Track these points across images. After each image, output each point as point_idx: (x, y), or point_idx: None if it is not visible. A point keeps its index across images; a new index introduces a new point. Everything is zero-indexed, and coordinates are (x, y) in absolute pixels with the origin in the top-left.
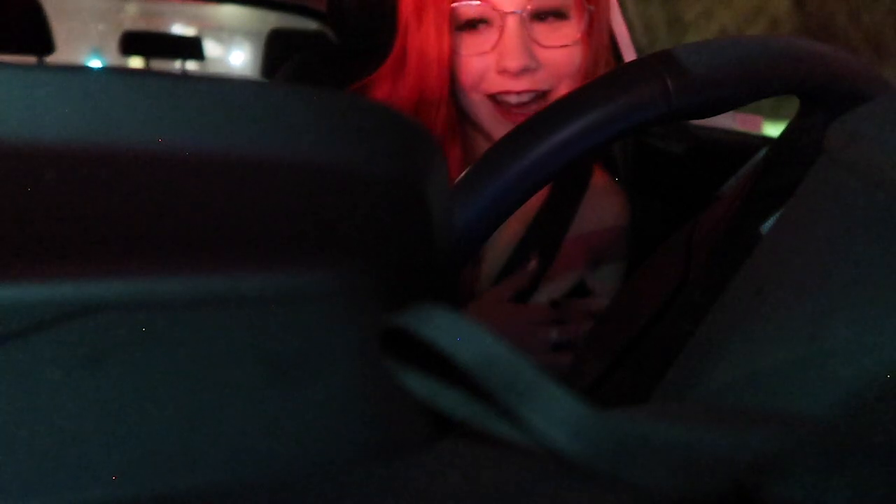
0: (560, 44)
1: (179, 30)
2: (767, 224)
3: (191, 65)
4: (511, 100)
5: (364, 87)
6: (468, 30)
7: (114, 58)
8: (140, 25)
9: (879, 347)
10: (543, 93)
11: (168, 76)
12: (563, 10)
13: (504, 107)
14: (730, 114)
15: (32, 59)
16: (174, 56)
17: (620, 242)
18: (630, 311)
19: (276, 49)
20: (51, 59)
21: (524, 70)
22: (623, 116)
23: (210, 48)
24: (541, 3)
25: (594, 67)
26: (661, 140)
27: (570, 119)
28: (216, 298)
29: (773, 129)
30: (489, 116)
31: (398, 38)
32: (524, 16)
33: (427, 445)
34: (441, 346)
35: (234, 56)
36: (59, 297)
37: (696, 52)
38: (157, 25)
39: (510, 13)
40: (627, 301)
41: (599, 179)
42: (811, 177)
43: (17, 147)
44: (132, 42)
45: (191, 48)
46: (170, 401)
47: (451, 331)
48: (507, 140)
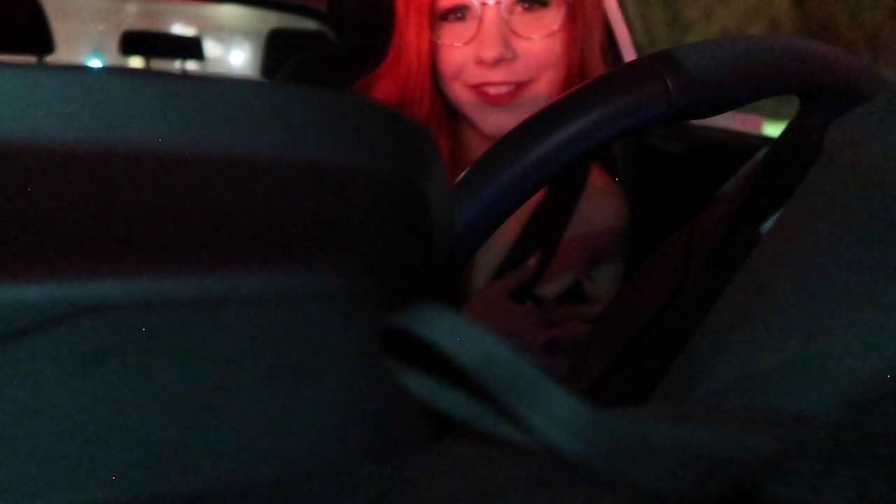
0: (538, 35)
1: (179, 30)
2: (767, 224)
3: (191, 65)
4: (490, 91)
5: (365, 86)
6: (449, 20)
7: (114, 58)
8: (140, 25)
9: (879, 347)
10: (523, 84)
11: (168, 76)
12: (542, 1)
13: (485, 92)
14: (730, 114)
15: (32, 59)
16: (174, 56)
17: (619, 242)
18: (630, 311)
19: (276, 49)
20: (51, 59)
21: (500, 60)
22: (623, 116)
23: (210, 48)
24: None
25: (578, 59)
26: (661, 140)
27: (570, 119)
28: (216, 298)
29: (773, 129)
30: (472, 105)
31: (395, 35)
32: (503, 6)
33: (427, 445)
34: (441, 346)
35: (234, 56)
36: (59, 297)
37: (696, 52)
38: (157, 25)
39: (488, 3)
40: (627, 301)
41: (598, 179)
42: (811, 177)
43: (17, 147)
44: (132, 42)
45: (191, 48)
46: (170, 400)
47: (451, 331)
48: (507, 140)
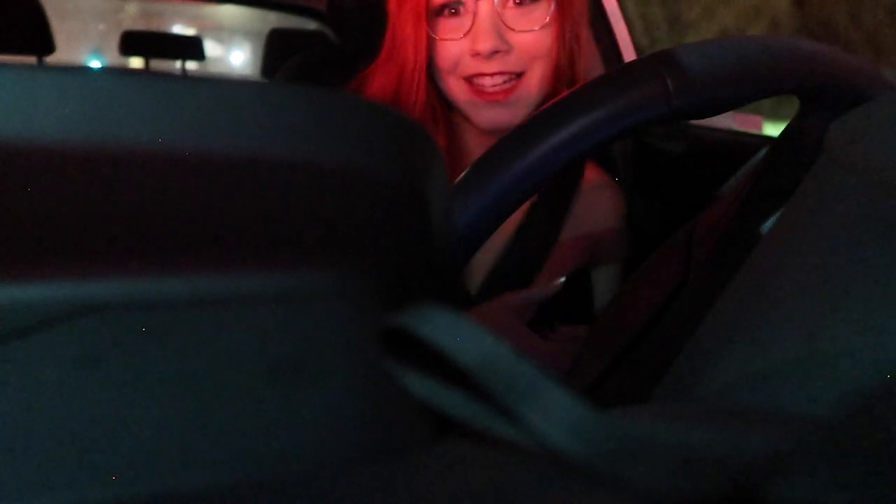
0: (530, 28)
1: (179, 30)
2: (767, 224)
3: (191, 65)
4: (486, 82)
5: (360, 83)
6: (444, 15)
7: (114, 58)
8: (140, 25)
9: (879, 347)
10: (517, 74)
11: (168, 76)
12: None
13: (480, 88)
14: (730, 114)
15: (32, 59)
16: (174, 56)
17: (618, 241)
18: (630, 311)
19: (276, 49)
20: (51, 59)
21: (495, 52)
22: (623, 116)
23: (210, 48)
24: None
25: (567, 52)
26: (661, 140)
27: (570, 119)
28: (216, 298)
29: (773, 129)
30: (466, 98)
31: (388, 29)
32: (495, 1)
33: (427, 445)
34: (441, 346)
35: (234, 56)
36: (59, 297)
37: (696, 52)
38: (157, 25)
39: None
40: (627, 301)
41: (593, 177)
42: (811, 177)
43: (17, 147)
44: (132, 42)
45: (191, 48)
46: (170, 401)
47: (452, 331)
48: (507, 140)
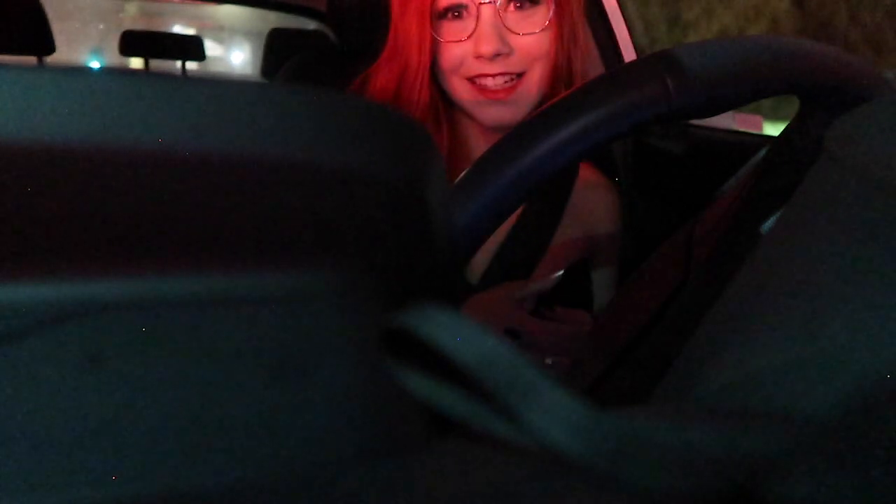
0: (530, 30)
1: (179, 30)
2: (767, 224)
3: (191, 65)
4: (488, 82)
5: (364, 80)
6: (448, 18)
7: (114, 58)
8: (140, 25)
9: (879, 347)
10: (518, 74)
11: (168, 77)
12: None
13: (482, 88)
14: (730, 114)
15: (32, 59)
16: (174, 56)
17: (614, 241)
18: (630, 311)
19: (276, 49)
20: (51, 59)
21: (497, 55)
22: (623, 116)
23: (210, 48)
24: None
25: (564, 52)
26: (661, 140)
27: (570, 119)
28: (216, 298)
29: (773, 129)
30: (470, 97)
31: (391, 28)
32: (497, 5)
33: (427, 445)
34: (441, 346)
35: (234, 56)
36: (59, 297)
37: (696, 52)
38: (157, 25)
39: (484, 3)
40: (627, 301)
41: (589, 176)
42: (811, 177)
43: (17, 147)
44: (132, 42)
45: (191, 48)
46: (170, 401)
47: (451, 330)
48: (508, 140)
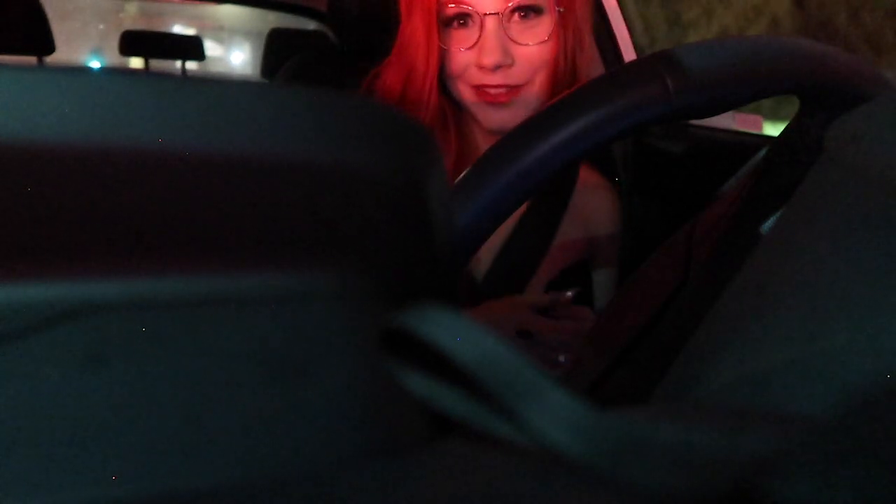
0: (533, 41)
1: (179, 30)
2: (767, 224)
3: (191, 65)
4: (490, 91)
5: (373, 78)
6: (454, 26)
7: (114, 58)
8: (140, 25)
9: (879, 347)
10: (519, 86)
11: (168, 77)
12: (539, 7)
13: (486, 92)
14: (730, 114)
15: (32, 59)
16: (174, 56)
17: (614, 243)
18: (630, 311)
19: (276, 49)
20: (51, 59)
21: (498, 66)
22: (623, 116)
23: (210, 48)
24: (519, 1)
25: (570, 62)
26: (661, 140)
27: (570, 119)
28: (216, 298)
29: (773, 129)
30: (474, 101)
31: (399, 29)
32: (502, 16)
33: (427, 445)
34: (441, 346)
35: (234, 56)
36: (59, 297)
37: (696, 52)
38: (157, 25)
39: (489, 14)
40: (628, 301)
41: (589, 177)
42: (811, 177)
43: (17, 147)
44: (132, 42)
45: (191, 48)
46: (170, 401)
47: (451, 331)
48: (508, 140)
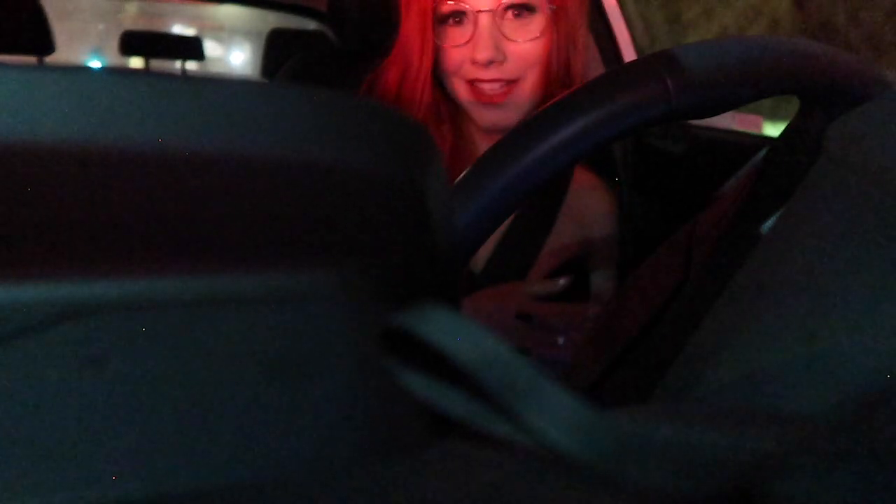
0: (526, 38)
1: (179, 30)
2: (767, 224)
3: (191, 65)
4: (484, 87)
5: (375, 78)
6: (449, 24)
7: (114, 58)
8: (140, 25)
9: (879, 347)
10: (513, 81)
11: (168, 76)
12: (532, 5)
13: (479, 91)
14: (730, 114)
15: (32, 59)
16: (174, 56)
17: (611, 244)
18: (630, 311)
19: (276, 49)
20: (51, 59)
21: (491, 62)
22: (623, 116)
23: (210, 48)
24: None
25: (564, 60)
26: (661, 140)
27: (570, 119)
28: (216, 298)
29: (773, 129)
30: (469, 99)
31: (399, 29)
32: (495, 13)
33: (427, 445)
34: (441, 346)
35: (234, 56)
36: (59, 297)
37: (696, 52)
38: (157, 25)
39: (482, 11)
40: (627, 301)
41: (584, 178)
42: (811, 177)
43: (17, 147)
44: (132, 42)
45: (191, 48)
46: (170, 401)
47: (451, 330)
48: (508, 140)
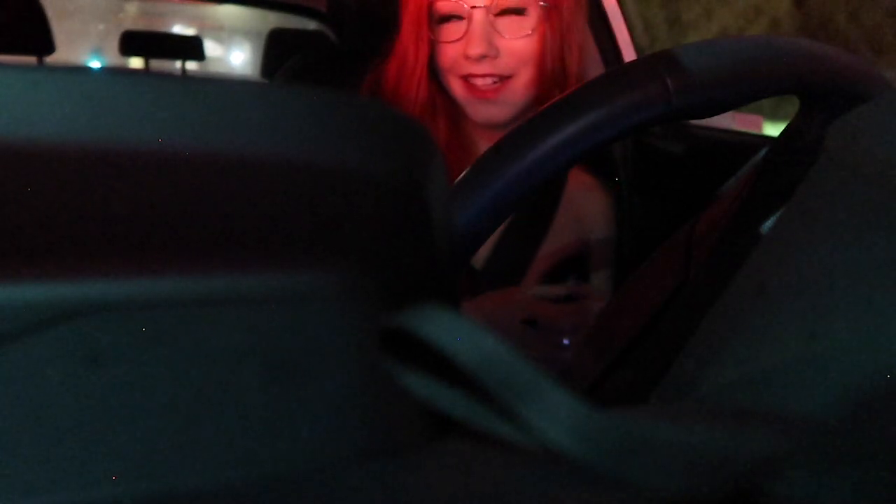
0: (518, 35)
1: (179, 30)
2: (767, 224)
3: (191, 65)
4: (477, 82)
5: (375, 79)
6: (446, 21)
7: (114, 58)
8: (140, 25)
9: (879, 347)
10: (506, 77)
11: (168, 76)
12: (522, 8)
13: (473, 86)
14: (730, 114)
15: (32, 59)
16: (174, 56)
17: (608, 246)
18: (630, 311)
19: (276, 49)
20: (51, 59)
21: (483, 56)
22: (623, 116)
23: (210, 48)
24: (505, 4)
25: (558, 58)
26: (661, 140)
27: (570, 119)
28: (216, 298)
29: (773, 129)
30: (463, 94)
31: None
32: (488, 10)
33: (427, 445)
34: (441, 346)
35: (234, 56)
36: (59, 297)
37: (696, 52)
38: (157, 25)
39: (476, 7)
40: (627, 301)
41: (581, 179)
42: (811, 177)
43: (17, 147)
44: (132, 42)
45: (191, 48)
46: (170, 401)
47: (451, 331)
48: (508, 140)
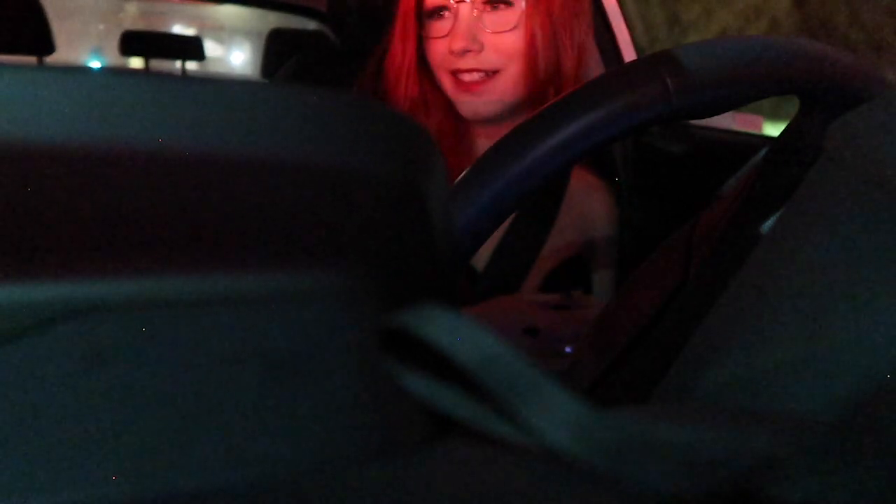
0: (502, 29)
1: (179, 30)
2: (767, 224)
3: (191, 65)
4: (465, 77)
5: (375, 76)
6: (434, 17)
7: (114, 58)
8: (140, 25)
9: (879, 347)
10: (493, 71)
11: (168, 76)
12: (508, 1)
13: (460, 81)
14: (730, 114)
15: (32, 60)
16: (174, 56)
17: (610, 246)
18: (630, 311)
19: (276, 49)
20: (51, 59)
21: (467, 51)
22: (623, 116)
23: (210, 48)
24: None
25: (544, 52)
26: (661, 140)
27: (570, 119)
28: (216, 298)
29: (773, 129)
30: (451, 89)
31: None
32: (473, 4)
33: (427, 445)
34: (441, 346)
35: (234, 56)
36: (59, 297)
37: (696, 52)
38: (157, 25)
39: (460, 2)
40: (627, 301)
41: (582, 178)
42: (811, 177)
43: (17, 147)
44: (132, 42)
45: (191, 48)
46: (170, 401)
47: (451, 331)
48: (508, 140)
